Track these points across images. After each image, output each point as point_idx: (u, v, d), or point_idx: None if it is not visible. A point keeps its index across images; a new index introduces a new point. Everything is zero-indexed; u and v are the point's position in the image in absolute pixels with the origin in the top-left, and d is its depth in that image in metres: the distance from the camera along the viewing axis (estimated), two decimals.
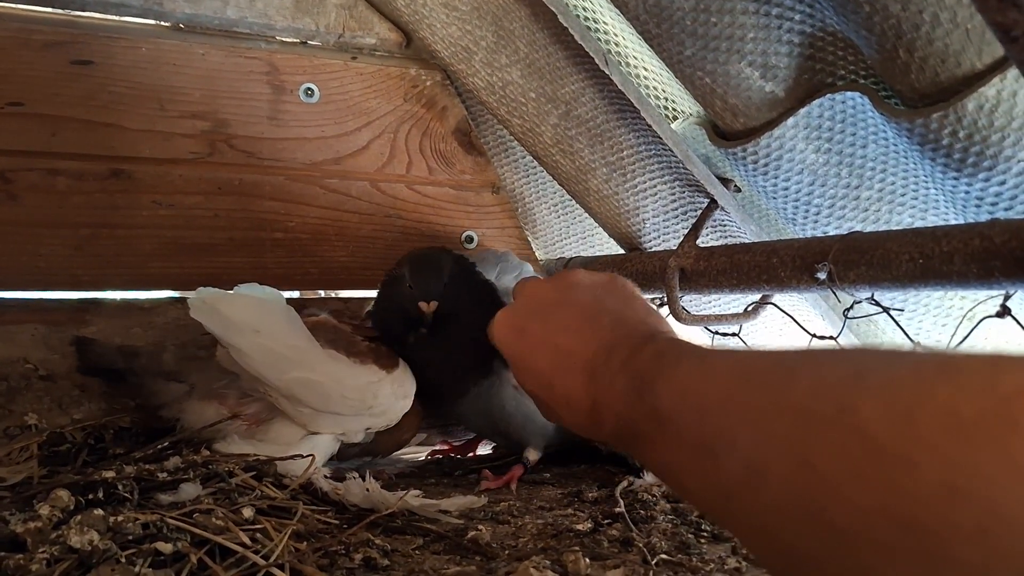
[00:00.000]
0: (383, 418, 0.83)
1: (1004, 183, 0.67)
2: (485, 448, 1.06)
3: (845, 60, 0.75)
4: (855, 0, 0.64)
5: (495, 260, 0.95)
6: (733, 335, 0.96)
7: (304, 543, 0.58)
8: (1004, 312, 0.64)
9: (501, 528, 0.70)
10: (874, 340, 0.95)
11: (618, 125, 0.93)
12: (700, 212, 0.94)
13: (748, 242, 0.90)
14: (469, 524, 0.68)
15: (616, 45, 0.90)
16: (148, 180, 0.92)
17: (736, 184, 0.96)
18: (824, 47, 0.75)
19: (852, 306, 0.77)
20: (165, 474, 0.65)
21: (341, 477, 0.72)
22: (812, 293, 0.91)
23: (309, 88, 1.00)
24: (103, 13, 0.91)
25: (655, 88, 0.92)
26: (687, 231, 0.92)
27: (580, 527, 0.69)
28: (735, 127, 0.84)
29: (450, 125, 1.08)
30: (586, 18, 0.89)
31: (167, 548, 0.52)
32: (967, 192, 0.70)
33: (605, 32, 0.89)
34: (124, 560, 0.49)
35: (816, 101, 0.77)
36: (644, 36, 0.83)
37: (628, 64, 0.91)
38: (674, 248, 0.91)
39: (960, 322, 0.81)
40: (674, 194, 0.97)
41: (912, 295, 0.84)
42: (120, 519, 0.53)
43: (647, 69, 0.91)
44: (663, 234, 1.01)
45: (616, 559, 0.61)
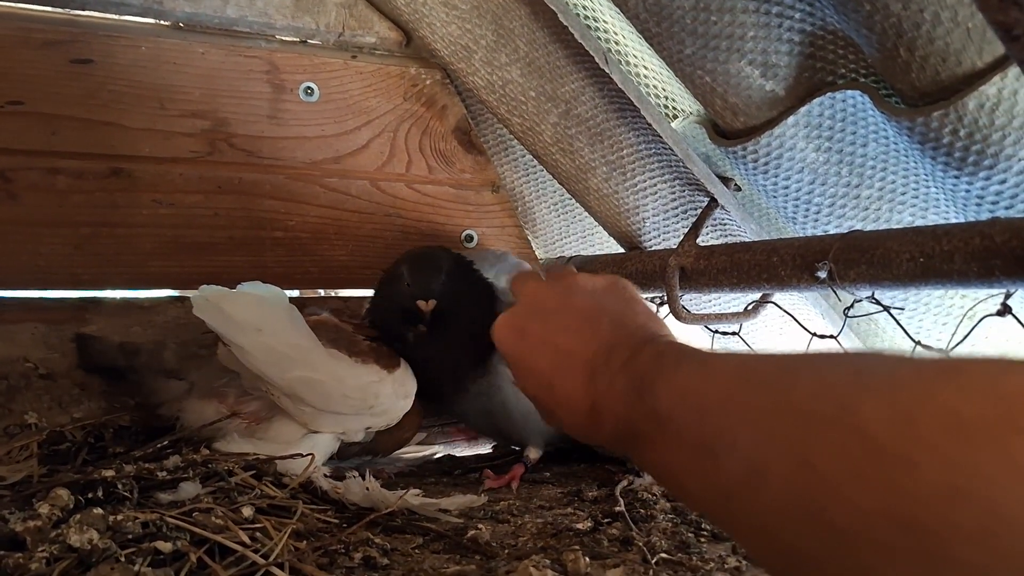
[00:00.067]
0: (384, 418, 0.83)
1: (1005, 182, 0.67)
2: (485, 447, 1.06)
3: (846, 59, 0.75)
4: None
5: (493, 259, 0.95)
6: (733, 334, 0.96)
7: (304, 542, 0.58)
8: (1004, 311, 0.64)
9: (501, 527, 0.70)
10: (875, 339, 0.95)
11: (618, 124, 0.93)
12: (700, 211, 0.94)
13: (748, 241, 0.90)
14: (469, 523, 0.68)
15: (616, 44, 0.90)
16: (148, 179, 0.92)
17: (736, 183, 0.96)
18: (824, 46, 0.75)
19: (852, 305, 0.77)
20: (165, 473, 0.65)
21: (341, 476, 0.72)
22: (812, 292, 0.91)
23: (309, 87, 1.00)
24: (103, 12, 0.91)
25: (655, 87, 0.92)
26: (687, 230, 0.92)
27: (580, 526, 0.69)
28: (735, 126, 0.83)
29: (450, 124, 1.08)
30: (586, 17, 0.89)
31: (166, 547, 0.52)
32: (967, 191, 0.70)
33: (605, 31, 0.89)
34: (123, 559, 0.49)
35: (816, 100, 0.77)
36: (644, 35, 0.82)
37: (628, 63, 0.91)
38: (674, 247, 0.91)
39: (960, 321, 0.81)
40: (674, 193, 0.96)
41: (912, 294, 0.83)
42: (120, 518, 0.53)
43: (647, 68, 0.91)
44: (663, 233, 1.01)
45: (616, 558, 0.61)
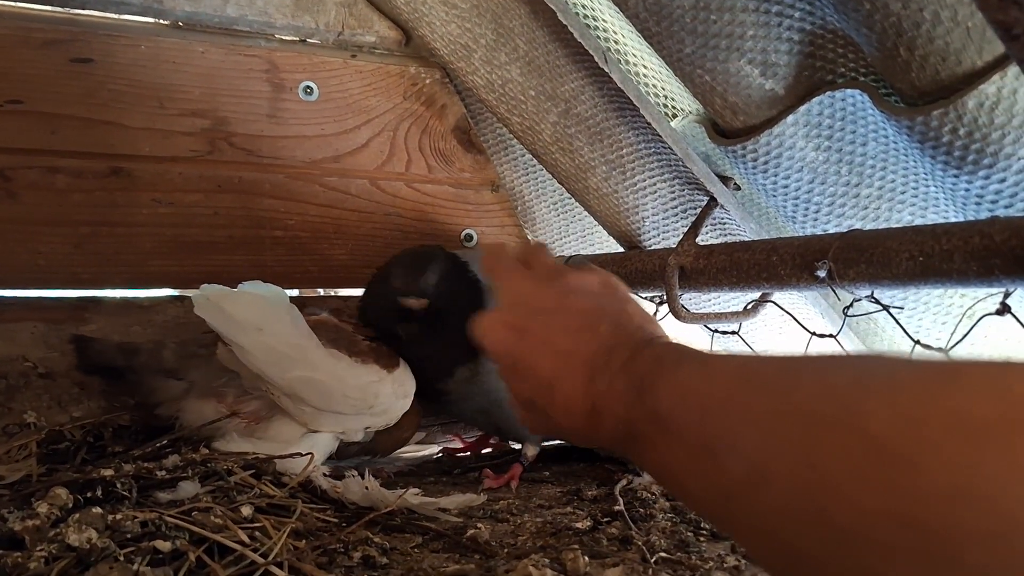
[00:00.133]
0: (383, 417, 0.83)
1: (1004, 181, 0.67)
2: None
3: (845, 58, 0.75)
4: None
5: None
6: (732, 333, 0.96)
7: (303, 541, 0.58)
8: (1004, 310, 0.64)
9: (500, 526, 0.70)
10: (874, 338, 0.95)
11: (617, 123, 0.93)
12: (700, 210, 0.94)
13: (748, 240, 0.89)
14: (468, 522, 0.68)
15: (615, 43, 0.90)
16: (148, 178, 0.92)
17: (736, 182, 0.95)
18: (824, 45, 0.75)
19: (852, 304, 0.77)
20: (164, 472, 0.65)
21: (340, 475, 0.72)
22: (812, 291, 0.91)
23: (308, 86, 1.00)
24: (103, 11, 0.91)
25: (654, 86, 0.92)
26: (687, 229, 0.92)
27: (579, 525, 0.69)
28: (735, 125, 0.83)
29: (449, 123, 1.08)
30: (585, 16, 0.89)
31: (166, 546, 0.52)
32: (967, 190, 0.70)
33: (604, 30, 0.89)
34: (122, 558, 0.49)
35: (816, 99, 0.77)
36: (643, 34, 0.82)
37: (627, 62, 0.91)
38: (674, 246, 0.91)
39: (960, 320, 0.81)
40: (674, 192, 0.96)
41: (912, 293, 0.83)
42: (119, 517, 0.53)
43: (646, 67, 0.91)
44: (663, 232, 1.01)
45: (615, 557, 0.61)
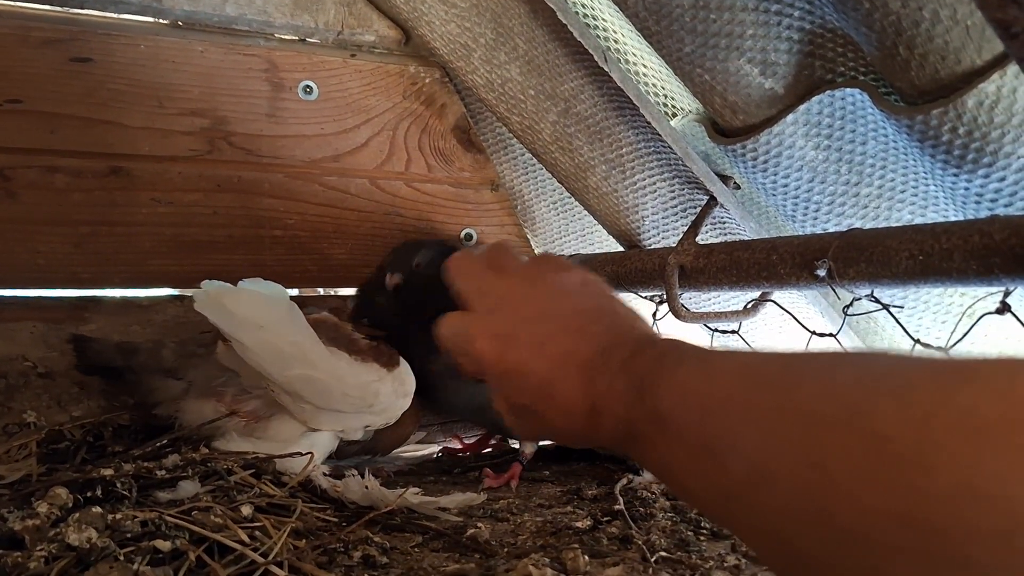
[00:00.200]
0: (383, 416, 0.83)
1: (1004, 179, 0.67)
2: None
3: (845, 57, 0.75)
4: None
5: None
6: (732, 332, 0.96)
7: (303, 541, 0.58)
8: (1004, 309, 0.64)
9: (500, 526, 0.70)
10: (874, 337, 0.95)
11: (617, 122, 0.93)
12: (699, 209, 0.94)
13: (747, 239, 0.89)
14: (468, 522, 0.68)
15: (615, 42, 0.90)
16: (147, 177, 0.92)
17: (735, 181, 0.95)
18: (824, 44, 0.75)
19: (852, 303, 0.77)
20: (164, 472, 0.65)
21: (340, 475, 0.72)
22: (812, 290, 0.91)
23: (308, 85, 1.00)
24: (102, 10, 0.91)
25: (654, 85, 0.92)
26: (686, 228, 0.92)
27: (579, 525, 0.69)
28: (734, 124, 0.83)
29: (449, 122, 1.08)
30: (585, 15, 0.89)
31: (165, 546, 0.52)
32: (967, 189, 0.69)
33: (604, 29, 0.89)
34: (122, 558, 0.49)
35: (816, 98, 0.77)
36: (643, 33, 0.82)
37: (627, 61, 0.91)
38: (673, 245, 0.91)
39: (960, 319, 0.81)
40: (673, 191, 0.96)
41: (912, 292, 0.83)
42: (118, 517, 0.53)
43: (646, 66, 0.91)
44: (662, 231, 1.01)
45: (615, 556, 0.61)
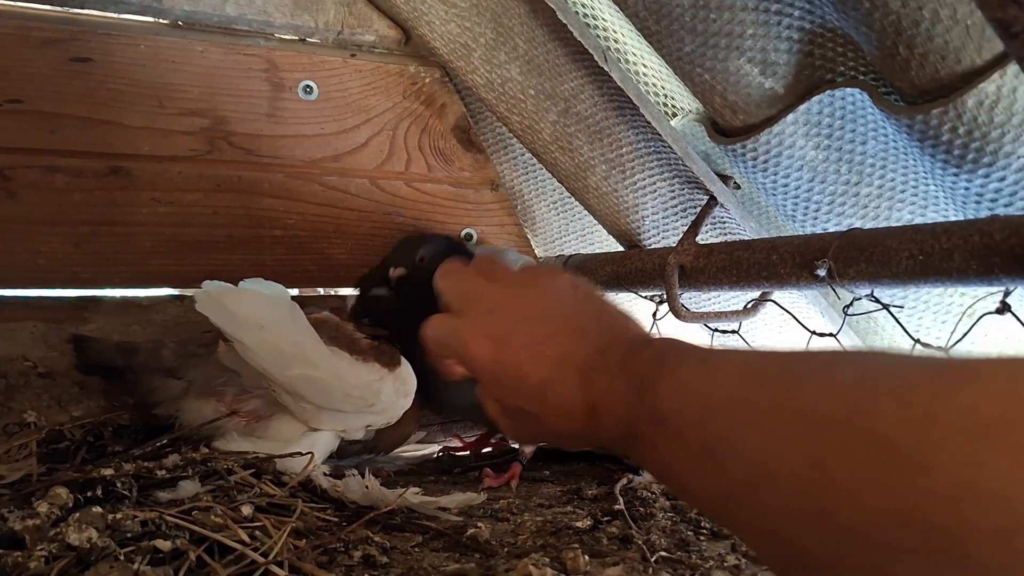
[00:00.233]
0: (384, 416, 0.83)
1: (1004, 179, 0.67)
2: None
3: (845, 56, 0.75)
4: None
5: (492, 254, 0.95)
6: (732, 332, 0.96)
7: (303, 540, 0.58)
8: (1004, 308, 0.64)
9: (500, 525, 0.70)
10: (874, 337, 0.95)
11: (617, 122, 0.93)
12: (700, 209, 0.94)
13: (748, 239, 0.89)
14: (468, 521, 0.68)
15: (615, 42, 0.90)
16: (147, 177, 0.92)
17: (736, 181, 0.95)
18: (824, 43, 0.75)
19: (852, 303, 0.77)
20: (164, 472, 0.65)
21: (340, 474, 0.72)
22: (812, 290, 0.91)
23: (308, 85, 1.00)
24: (102, 10, 0.91)
25: (654, 85, 0.92)
26: (687, 228, 0.92)
27: (579, 524, 0.69)
28: (734, 124, 0.83)
29: (449, 122, 1.08)
30: (585, 15, 0.89)
31: (166, 545, 0.52)
32: (967, 188, 0.69)
33: (604, 29, 0.89)
34: (123, 557, 0.49)
35: (816, 98, 0.77)
36: (643, 33, 0.82)
37: (627, 61, 0.91)
38: (674, 245, 0.91)
39: (960, 319, 0.81)
40: (673, 191, 0.96)
41: (912, 292, 0.83)
42: (119, 516, 0.53)
43: (646, 66, 0.91)
44: (662, 231, 1.01)
45: (615, 556, 0.61)
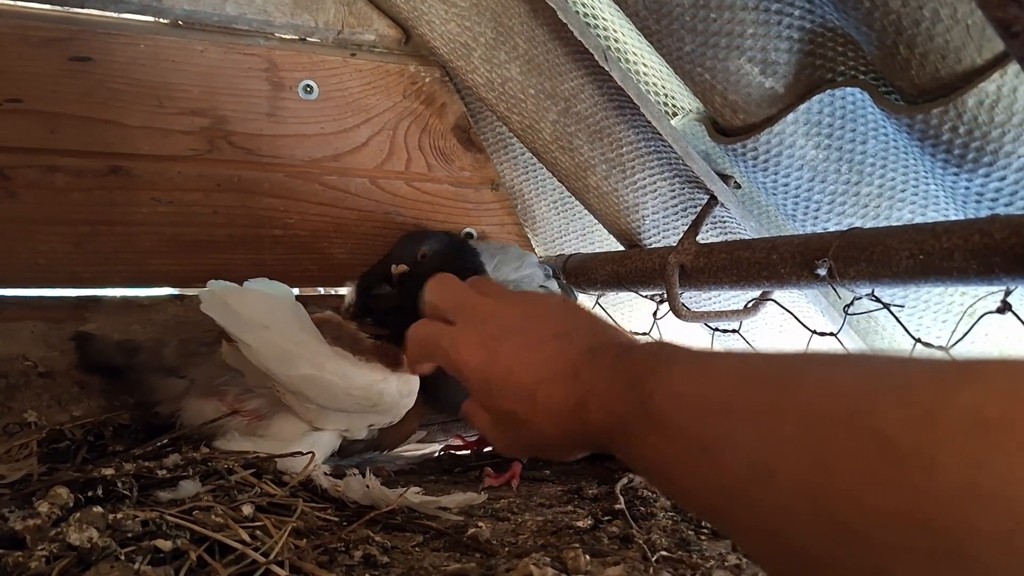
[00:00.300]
0: (387, 415, 0.83)
1: (1004, 179, 0.67)
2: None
3: (845, 56, 0.75)
4: None
5: (493, 251, 0.95)
6: (733, 331, 0.96)
7: (304, 540, 0.58)
8: (1004, 308, 0.64)
9: (501, 525, 0.70)
10: (874, 336, 0.95)
11: (617, 121, 0.93)
12: (700, 209, 0.94)
13: (748, 239, 0.89)
14: (469, 521, 0.68)
15: (615, 41, 0.90)
16: (147, 177, 0.92)
17: (736, 180, 0.95)
18: (824, 43, 0.75)
19: (852, 302, 0.77)
20: (164, 471, 0.65)
21: (341, 474, 0.72)
22: (812, 289, 0.91)
23: (308, 85, 1.00)
24: (102, 10, 0.91)
25: (654, 84, 0.92)
26: (687, 228, 0.92)
27: (580, 524, 0.69)
28: (735, 123, 0.83)
29: (449, 122, 1.08)
30: (585, 14, 0.89)
31: (166, 545, 0.52)
32: (967, 188, 0.69)
33: (604, 28, 0.89)
34: (123, 557, 0.49)
35: (816, 97, 0.77)
36: (643, 32, 0.82)
37: (627, 60, 0.91)
38: (674, 245, 0.91)
39: (960, 318, 0.81)
40: (674, 190, 0.96)
41: (912, 291, 0.83)
42: (119, 516, 0.53)
43: (646, 65, 0.91)
44: (663, 231, 1.01)
45: (616, 556, 0.61)
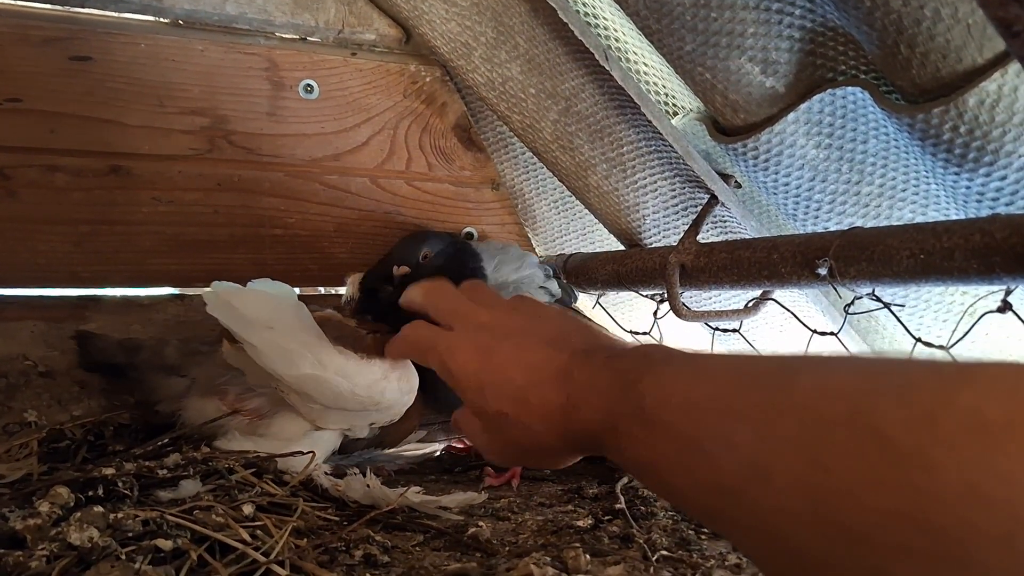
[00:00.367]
0: (389, 413, 0.83)
1: (1005, 178, 0.67)
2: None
3: (846, 55, 0.75)
4: None
5: (494, 252, 0.95)
6: (734, 331, 0.96)
7: (304, 540, 0.58)
8: (1005, 307, 0.64)
9: (501, 524, 0.70)
10: (875, 336, 0.95)
11: (618, 121, 0.93)
12: (700, 208, 0.94)
13: (748, 238, 0.89)
14: (469, 520, 0.68)
15: (616, 41, 0.90)
16: (147, 176, 0.92)
17: (736, 180, 0.95)
18: (825, 42, 0.75)
19: (853, 302, 0.77)
20: (165, 471, 0.65)
21: (341, 474, 0.72)
22: (813, 289, 0.91)
23: (308, 84, 1.00)
24: (102, 9, 0.91)
25: (655, 84, 0.92)
26: (687, 227, 0.92)
27: (580, 523, 0.69)
28: (735, 123, 0.83)
29: (450, 121, 1.08)
30: (586, 14, 0.89)
31: (167, 545, 0.52)
32: (968, 187, 0.69)
33: (605, 28, 0.89)
34: (124, 557, 0.49)
35: (817, 96, 0.77)
36: (644, 32, 0.82)
37: (628, 60, 0.91)
38: (675, 244, 0.91)
39: (961, 318, 0.81)
40: (674, 190, 0.96)
41: (913, 291, 0.83)
42: (120, 516, 0.53)
43: (647, 65, 0.91)
44: (663, 230, 1.01)
45: (616, 555, 0.61)
